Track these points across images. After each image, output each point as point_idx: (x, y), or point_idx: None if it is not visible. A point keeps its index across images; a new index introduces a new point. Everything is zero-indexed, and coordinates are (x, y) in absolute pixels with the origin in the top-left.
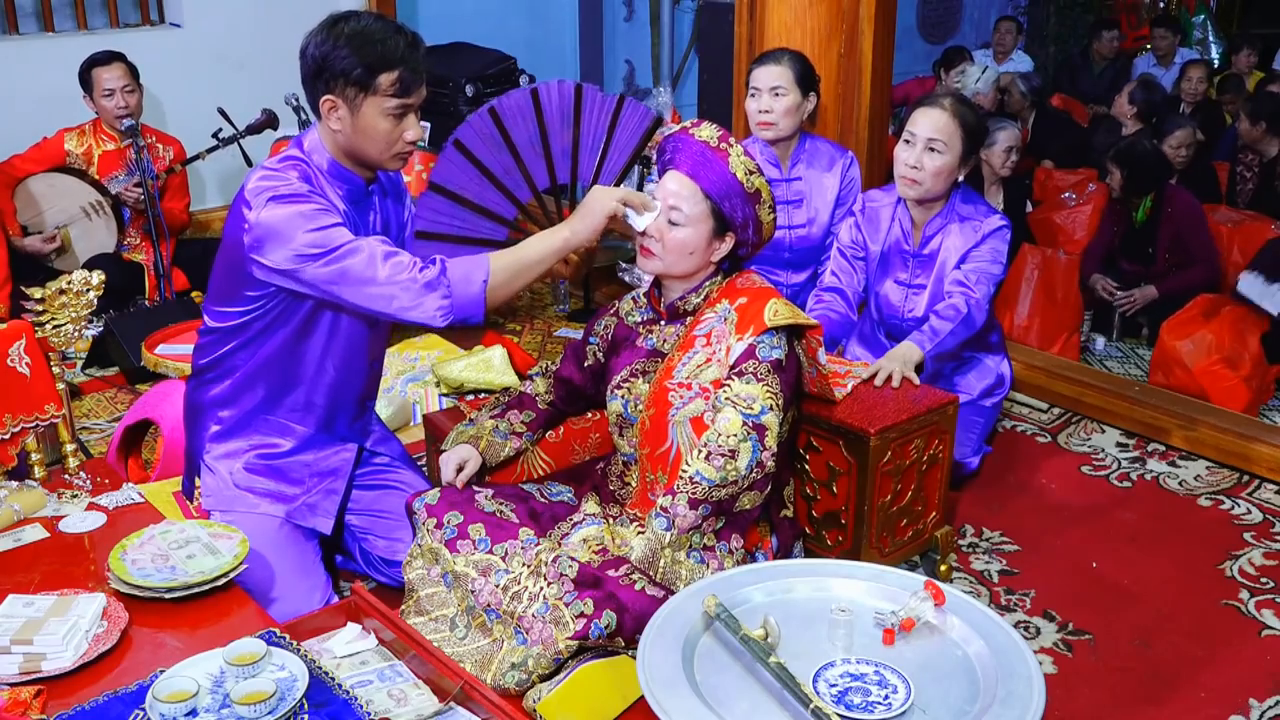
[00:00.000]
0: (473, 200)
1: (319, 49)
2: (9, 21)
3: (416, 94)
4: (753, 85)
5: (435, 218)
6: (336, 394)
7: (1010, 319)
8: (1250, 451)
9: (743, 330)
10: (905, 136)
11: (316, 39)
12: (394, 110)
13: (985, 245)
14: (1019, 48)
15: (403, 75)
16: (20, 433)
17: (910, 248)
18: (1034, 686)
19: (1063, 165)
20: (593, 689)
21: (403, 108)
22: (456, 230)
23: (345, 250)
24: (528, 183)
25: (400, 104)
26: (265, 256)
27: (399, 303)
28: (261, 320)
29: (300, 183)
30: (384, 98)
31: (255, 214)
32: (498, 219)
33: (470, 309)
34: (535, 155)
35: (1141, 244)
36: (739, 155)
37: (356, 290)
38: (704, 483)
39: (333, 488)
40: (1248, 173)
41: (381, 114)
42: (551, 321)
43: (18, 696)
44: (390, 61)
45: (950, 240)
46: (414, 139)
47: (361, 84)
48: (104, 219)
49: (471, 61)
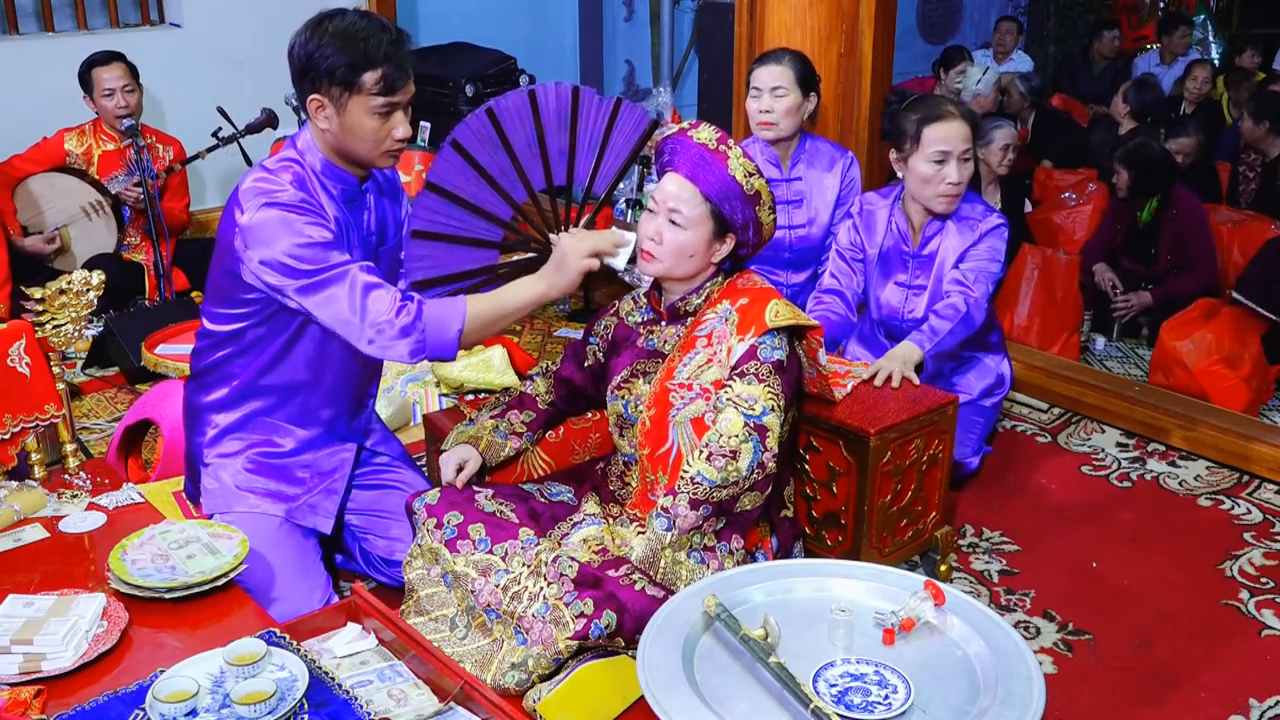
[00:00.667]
0: (469, 200)
1: (304, 48)
2: (9, 21)
3: (403, 91)
4: (753, 85)
5: (432, 217)
6: (335, 396)
7: (1010, 319)
8: (1250, 451)
9: (744, 331)
10: (936, 158)
11: (302, 38)
12: (380, 109)
13: (983, 244)
14: (1019, 48)
15: (386, 73)
16: (20, 433)
17: (910, 249)
18: (1034, 686)
19: (1063, 165)
20: (593, 689)
21: (389, 106)
22: (453, 230)
23: (328, 276)
24: (524, 184)
25: (386, 102)
26: (250, 258)
27: (371, 341)
28: (256, 329)
29: (294, 189)
30: (369, 96)
31: (246, 216)
32: (494, 219)
33: (442, 352)
34: (532, 156)
35: (1144, 244)
36: (738, 157)
37: (332, 318)
38: (705, 483)
39: (333, 487)
40: (1250, 172)
41: (368, 112)
42: (551, 321)
43: (18, 696)
44: (373, 59)
45: (949, 240)
46: (403, 137)
47: (346, 83)
48: (104, 219)
49: (471, 61)
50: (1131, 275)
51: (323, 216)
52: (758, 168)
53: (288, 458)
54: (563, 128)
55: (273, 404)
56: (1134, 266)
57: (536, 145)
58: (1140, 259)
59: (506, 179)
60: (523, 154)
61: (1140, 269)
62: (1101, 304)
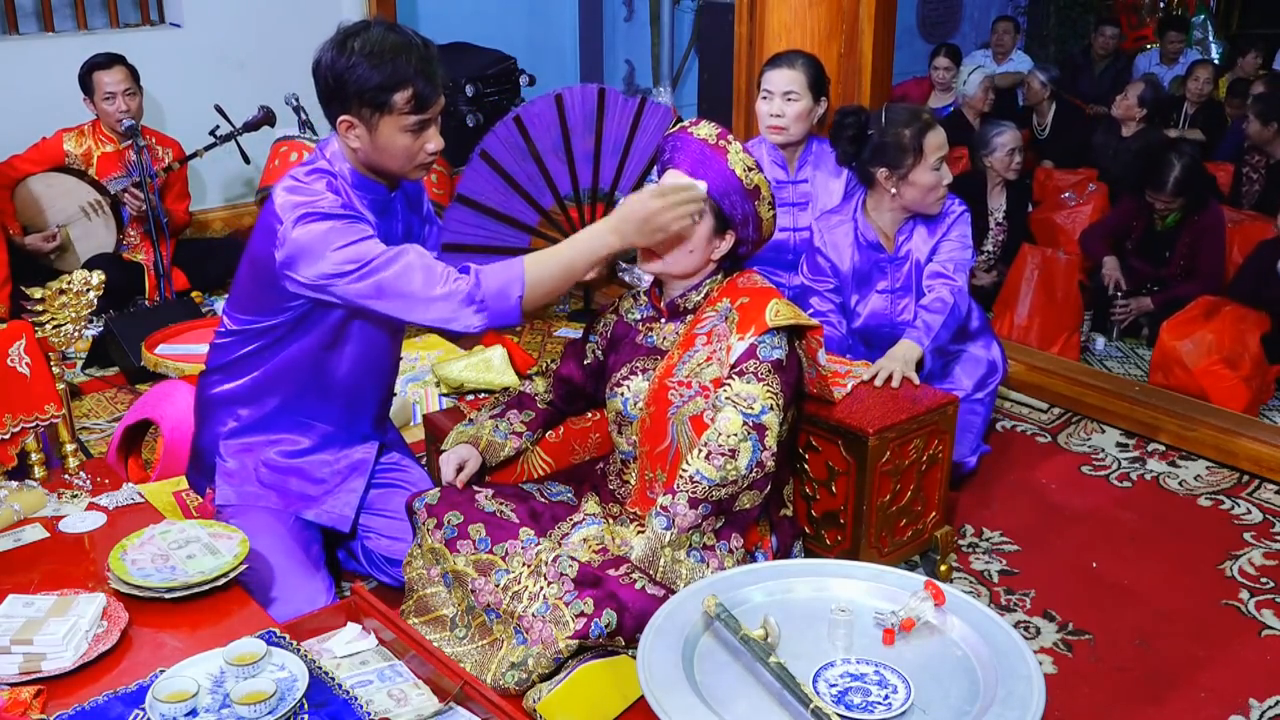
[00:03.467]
0: (497, 209)
1: (331, 68)
2: (9, 21)
3: (434, 107)
4: (765, 88)
5: (460, 229)
6: (358, 396)
7: (1010, 319)
8: (1250, 451)
9: (744, 330)
10: (936, 165)
11: (328, 56)
12: (412, 126)
13: (953, 232)
14: (1018, 47)
15: (418, 90)
16: (20, 433)
17: (888, 255)
18: (1034, 686)
19: (1063, 165)
20: (593, 689)
21: (420, 123)
22: (482, 240)
23: (379, 263)
24: (550, 188)
25: (418, 120)
26: (298, 273)
27: (436, 314)
28: (288, 326)
29: (330, 194)
30: (400, 115)
31: (286, 230)
32: (521, 225)
33: (507, 319)
34: (559, 161)
35: (1159, 247)
36: (737, 152)
37: (392, 303)
38: (704, 482)
39: (353, 486)
40: (1254, 173)
41: (399, 130)
42: (551, 321)
43: (18, 696)
44: (403, 79)
45: (917, 236)
46: (435, 149)
47: (376, 104)
48: (103, 218)
49: (471, 61)
50: (1138, 275)
51: (364, 220)
52: (757, 162)
53: (309, 455)
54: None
55: (295, 399)
56: (1143, 267)
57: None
58: (1151, 261)
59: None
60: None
61: (1149, 270)
62: (1101, 304)
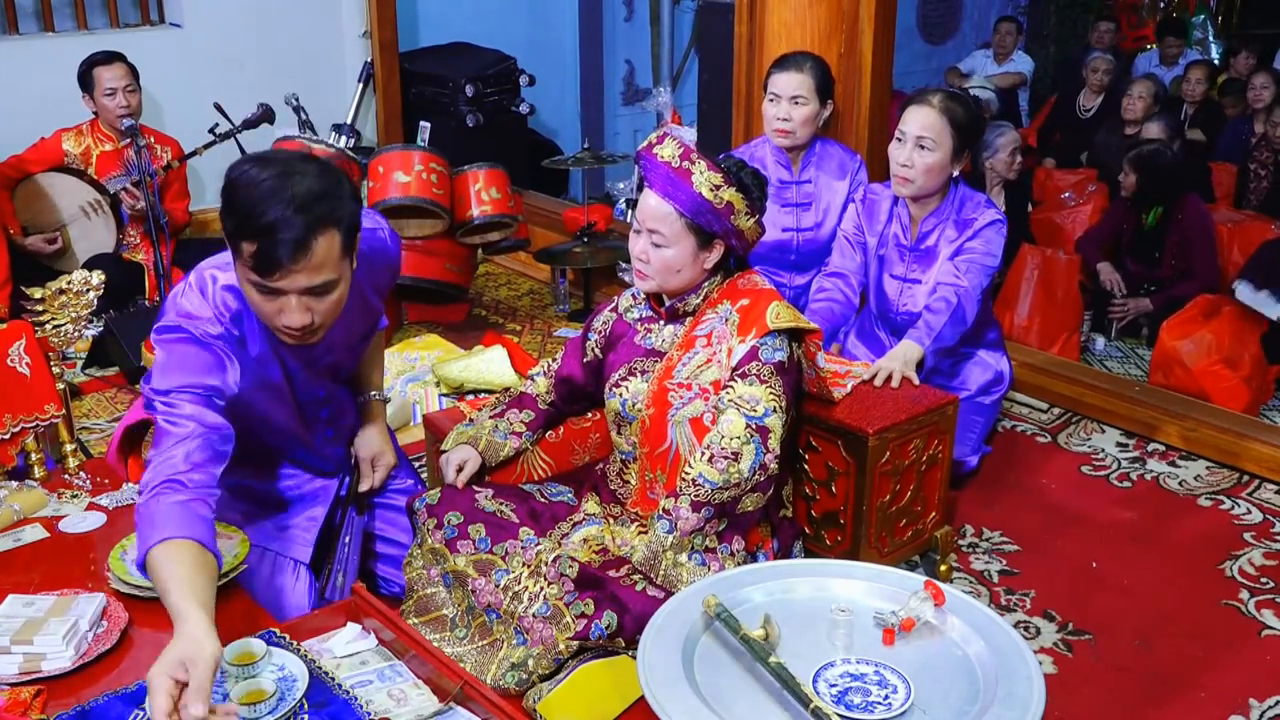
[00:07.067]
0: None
1: (226, 180)
2: (9, 21)
3: (287, 279)
4: (772, 90)
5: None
6: (296, 442)
7: (1010, 319)
8: (1251, 451)
9: (745, 332)
10: (897, 135)
11: (233, 169)
12: (256, 285)
13: (979, 238)
14: (1019, 48)
15: (263, 250)
16: (20, 433)
17: (907, 242)
18: (1034, 686)
19: (1063, 165)
20: (593, 689)
21: (263, 288)
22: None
23: (168, 420)
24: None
25: (259, 282)
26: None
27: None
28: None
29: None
30: (244, 267)
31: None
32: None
33: (140, 529)
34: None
35: (1149, 247)
36: (702, 171)
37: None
38: (707, 485)
39: (312, 515)
40: (1263, 170)
41: (248, 283)
42: (551, 321)
43: (18, 696)
44: (248, 231)
45: (946, 235)
46: (297, 325)
47: (231, 241)
48: (103, 218)
49: (471, 61)
50: (1135, 276)
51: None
52: (726, 177)
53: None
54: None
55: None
56: (1138, 268)
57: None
58: (1144, 261)
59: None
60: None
61: (1144, 271)
62: (1101, 304)
